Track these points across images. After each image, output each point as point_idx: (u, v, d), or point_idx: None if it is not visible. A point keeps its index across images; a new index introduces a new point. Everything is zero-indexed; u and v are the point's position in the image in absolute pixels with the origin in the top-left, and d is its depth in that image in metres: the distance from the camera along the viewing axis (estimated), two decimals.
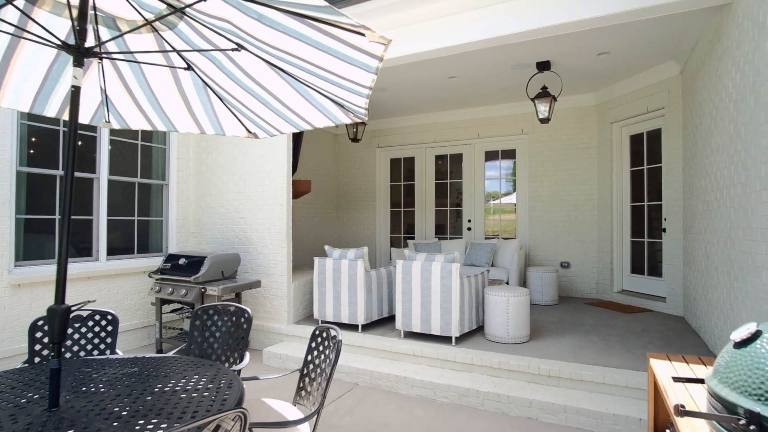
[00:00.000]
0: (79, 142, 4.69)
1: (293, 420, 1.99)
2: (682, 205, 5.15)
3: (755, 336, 1.12)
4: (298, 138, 5.66)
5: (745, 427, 1.02)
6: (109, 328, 2.80)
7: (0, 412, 1.70)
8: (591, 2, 3.49)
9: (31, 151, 4.32)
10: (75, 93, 1.79)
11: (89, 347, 2.74)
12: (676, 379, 1.39)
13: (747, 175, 2.90)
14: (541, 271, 6.13)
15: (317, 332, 2.36)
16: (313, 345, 2.37)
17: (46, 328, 2.61)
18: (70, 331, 2.71)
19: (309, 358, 2.37)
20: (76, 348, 2.70)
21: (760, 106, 2.68)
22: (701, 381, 1.45)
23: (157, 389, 1.97)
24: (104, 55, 2.09)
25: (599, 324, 4.87)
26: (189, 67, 2.43)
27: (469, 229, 7.72)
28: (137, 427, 1.57)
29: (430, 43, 4.10)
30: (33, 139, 4.35)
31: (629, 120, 6.06)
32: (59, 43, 1.80)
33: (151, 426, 1.57)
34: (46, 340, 2.60)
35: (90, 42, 2.14)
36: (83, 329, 2.74)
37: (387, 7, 4.09)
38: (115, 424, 1.61)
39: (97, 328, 2.77)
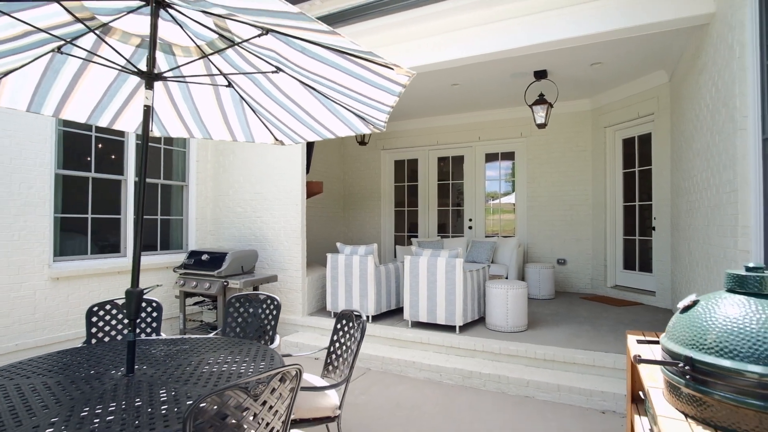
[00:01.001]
0: (100, 145, 5.04)
1: (326, 385, 2.35)
2: (670, 205, 5.51)
3: (694, 304, 1.48)
4: (310, 141, 6.01)
5: (682, 368, 1.37)
6: (155, 314, 3.16)
7: (90, 377, 2.06)
8: (583, 22, 3.85)
9: (67, 155, 4.67)
10: (147, 111, 2.15)
11: (137, 330, 3.09)
12: (640, 341, 1.74)
13: (719, 178, 3.26)
14: (539, 267, 6.49)
15: (342, 314, 2.72)
16: (339, 327, 2.73)
17: (101, 313, 2.97)
18: (120, 316, 3.06)
19: (335, 338, 2.72)
20: (126, 331, 3.04)
21: (729, 117, 3.04)
22: (658, 342, 1.81)
23: (211, 360, 2.33)
24: (170, 79, 2.44)
25: (592, 316, 5.24)
26: (229, 85, 2.79)
27: (470, 227, 8.08)
28: (215, 385, 1.94)
29: (435, 57, 4.45)
30: (68, 144, 4.70)
31: (622, 125, 6.43)
32: (135, 69, 2.16)
33: (225, 384, 1.92)
34: (101, 324, 2.96)
35: (142, 65, 2.50)
36: None
37: (397, 23, 4.45)
38: (186, 386, 1.97)
39: (143, 314, 3.12)
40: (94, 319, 2.94)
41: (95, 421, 1.60)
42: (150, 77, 2.15)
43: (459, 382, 3.91)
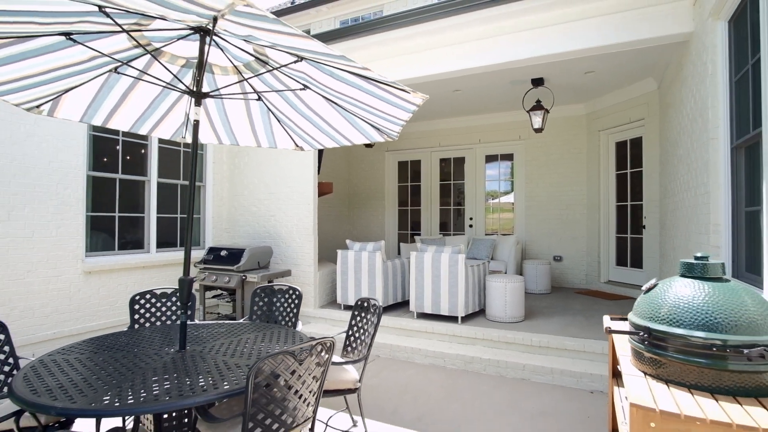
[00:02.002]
0: (126, 148, 5.39)
1: (347, 360, 2.71)
2: (659, 205, 5.87)
3: (654, 286, 1.85)
4: None
5: (643, 336, 1.74)
6: (189, 303, 3.51)
7: (148, 352, 2.42)
8: (578, 37, 4.20)
9: (96, 158, 5.02)
10: (196, 125, 2.51)
11: (174, 318, 3.45)
12: (613, 318, 2.10)
13: (697, 181, 3.62)
14: (536, 263, 6.85)
15: (359, 302, 3.07)
16: (356, 312, 3.09)
17: (142, 301, 3.33)
18: (159, 304, 3.42)
19: (353, 322, 3.08)
20: (164, 318, 3.40)
21: (704, 127, 3.40)
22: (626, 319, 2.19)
23: (248, 340, 2.69)
24: (214, 96, 2.79)
25: (585, 309, 5.60)
26: (259, 98, 3.14)
27: (470, 226, 8.44)
28: (258, 357, 2.30)
29: (439, 68, 4.81)
30: (97, 147, 5.05)
31: (615, 129, 6.78)
32: (186, 89, 2.51)
33: (274, 352, 2.27)
34: (142, 311, 3.32)
35: (186, 81, 2.85)
36: (168, 303, 3.45)
37: (405, 37, 4.81)
38: (233, 358, 2.33)
39: (178, 303, 3.47)
40: (137, 306, 3.30)
41: (166, 384, 1.96)
42: (199, 96, 2.51)
43: (461, 367, 4.27)
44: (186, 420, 2.53)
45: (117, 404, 1.73)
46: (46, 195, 4.40)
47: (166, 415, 2.30)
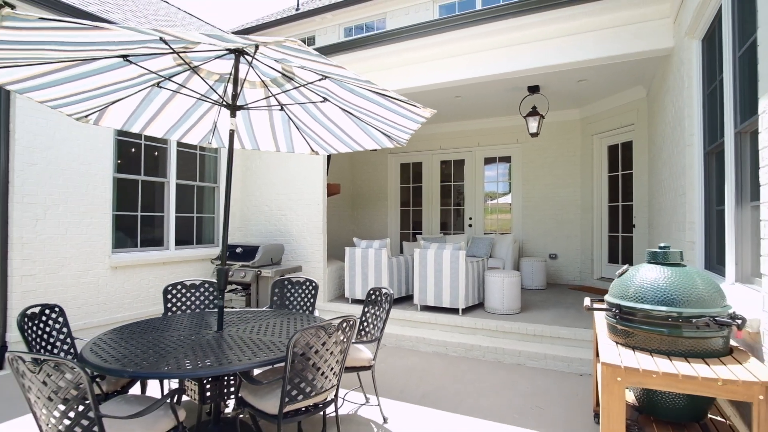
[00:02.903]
0: (147, 151, 5.74)
1: (363, 341, 3.07)
2: (648, 205, 6.24)
3: (625, 271, 2.21)
4: None
5: (615, 312, 2.10)
6: (215, 292, 3.86)
7: (190, 332, 2.77)
8: (570, 52, 4.57)
9: (121, 160, 5.37)
10: (231, 134, 2.87)
11: (202, 306, 3.80)
12: (593, 300, 2.46)
13: (676, 183, 3.99)
14: (532, 261, 7.21)
15: (372, 291, 3.43)
16: (369, 300, 3.44)
17: (174, 291, 3.67)
18: (188, 294, 3.77)
19: (366, 309, 3.43)
20: (193, 307, 3.75)
21: (681, 134, 3.76)
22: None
23: (275, 323, 3.04)
24: (245, 108, 3.14)
25: (578, 303, 5.96)
26: (281, 108, 3.49)
27: (470, 225, 8.81)
28: (288, 336, 2.65)
29: (442, 77, 5.17)
30: (121, 150, 5.39)
31: (607, 133, 7.16)
32: (223, 102, 2.87)
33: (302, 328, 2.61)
34: (174, 300, 3.66)
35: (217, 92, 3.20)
36: (197, 293, 3.80)
37: (410, 48, 5.17)
38: (266, 336, 2.68)
39: (206, 293, 3.83)
40: (169, 296, 3.65)
41: (212, 356, 2.32)
42: (234, 108, 2.87)
43: (462, 354, 4.63)
44: (225, 390, 2.88)
45: (178, 369, 2.08)
46: (77, 195, 4.75)
47: (209, 385, 2.65)
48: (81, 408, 1.75)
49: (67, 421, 1.76)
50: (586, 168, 7.57)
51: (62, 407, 1.75)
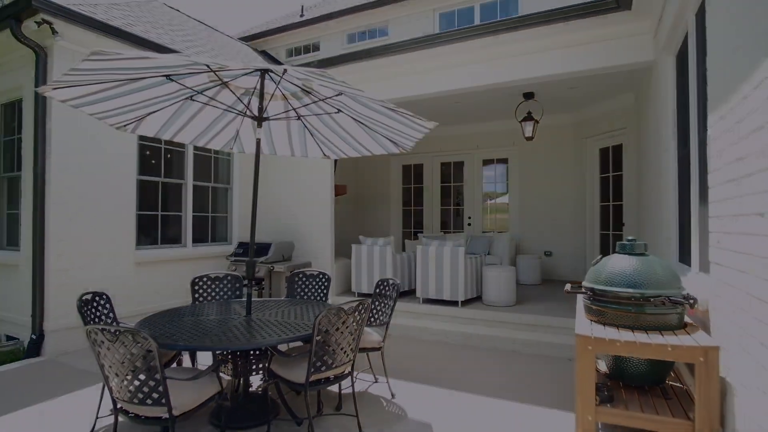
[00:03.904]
0: (166, 155, 6.12)
1: (373, 325, 3.46)
2: (636, 205, 6.63)
3: (599, 260, 2.61)
4: None
5: (590, 294, 2.50)
6: (237, 284, 4.25)
7: (222, 317, 3.16)
8: (562, 63, 4.97)
9: (142, 163, 5.75)
10: (258, 142, 3.26)
11: (225, 297, 4.18)
12: (572, 286, 2.86)
13: (657, 185, 4.38)
14: (528, 258, 7.61)
15: (380, 282, 3.81)
16: (377, 291, 3.83)
17: (200, 283, 4.06)
18: (213, 286, 4.15)
19: (375, 298, 3.82)
20: (218, 297, 4.14)
21: (659, 140, 4.16)
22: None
23: (296, 310, 3.43)
24: (270, 119, 3.52)
25: (569, 296, 6.35)
26: (298, 118, 3.88)
27: (469, 224, 9.20)
28: (309, 318, 3.04)
29: (443, 86, 5.57)
30: (142, 153, 5.78)
31: (598, 136, 7.55)
32: (250, 114, 3.26)
33: (314, 315, 3.00)
34: (200, 291, 4.05)
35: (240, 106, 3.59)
36: (221, 285, 4.18)
37: (413, 59, 5.56)
38: (289, 319, 3.07)
39: (229, 285, 4.22)
40: (196, 287, 4.04)
41: (247, 334, 2.70)
42: (260, 120, 3.26)
43: (461, 342, 5.02)
44: (253, 366, 3.26)
45: (221, 343, 2.47)
46: (106, 197, 5.14)
47: (240, 361, 3.04)
48: (149, 371, 2.13)
49: (137, 382, 2.15)
50: (579, 170, 7.96)
51: (133, 371, 2.14)
